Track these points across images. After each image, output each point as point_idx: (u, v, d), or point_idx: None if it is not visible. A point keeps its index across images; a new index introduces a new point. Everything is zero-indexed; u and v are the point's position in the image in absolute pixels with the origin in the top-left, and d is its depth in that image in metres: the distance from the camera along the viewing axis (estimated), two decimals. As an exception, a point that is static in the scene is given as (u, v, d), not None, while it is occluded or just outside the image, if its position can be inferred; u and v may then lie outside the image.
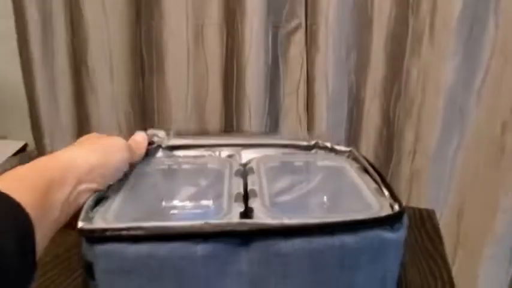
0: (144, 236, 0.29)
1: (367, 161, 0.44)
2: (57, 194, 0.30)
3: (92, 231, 0.30)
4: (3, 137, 1.48)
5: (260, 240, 0.31)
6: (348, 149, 0.48)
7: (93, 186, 0.34)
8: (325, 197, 0.47)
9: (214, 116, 1.09)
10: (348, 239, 0.31)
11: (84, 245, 0.30)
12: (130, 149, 0.39)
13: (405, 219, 0.33)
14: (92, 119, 1.20)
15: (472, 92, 0.88)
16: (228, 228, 0.30)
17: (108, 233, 0.29)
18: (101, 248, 0.30)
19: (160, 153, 0.48)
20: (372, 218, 0.32)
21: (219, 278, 0.31)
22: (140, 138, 0.45)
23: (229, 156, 0.49)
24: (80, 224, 0.30)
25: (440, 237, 0.58)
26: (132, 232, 0.29)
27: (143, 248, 0.29)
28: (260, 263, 0.31)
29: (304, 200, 0.47)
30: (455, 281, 0.50)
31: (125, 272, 0.30)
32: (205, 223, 0.30)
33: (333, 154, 0.49)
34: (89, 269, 0.31)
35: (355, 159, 0.46)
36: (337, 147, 0.49)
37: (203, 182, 0.45)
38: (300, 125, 1.03)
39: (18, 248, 0.25)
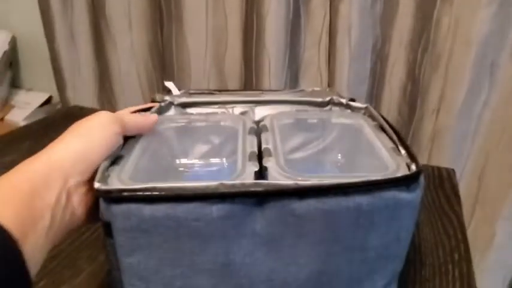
0: (160, 196, 0.29)
1: (384, 118, 0.43)
2: (44, 200, 0.28)
3: (108, 192, 0.30)
4: (30, 89, 1.51)
5: (275, 200, 0.30)
6: (363, 105, 0.46)
7: (84, 177, 0.31)
8: (339, 155, 0.46)
9: (233, 69, 1.07)
10: (363, 199, 0.30)
11: (102, 205, 0.31)
12: (119, 120, 0.35)
13: (422, 180, 0.33)
14: (112, 71, 1.20)
15: (505, 44, 0.83)
16: (243, 189, 0.30)
17: (124, 194, 0.30)
18: (118, 208, 0.30)
19: (172, 111, 0.47)
20: (387, 178, 0.31)
21: (234, 238, 0.31)
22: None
23: (243, 113, 0.48)
24: (96, 185, 0.30)
25: (458, 197, 0.57)
26: (148, 193, 0.29)
27: (159, 208, 0.30)
28: (275, 223, 0.31)
29: (319, 158, 0.46)
30: (471, 240, 0.49)
31: (141, 231, 0.30)
32: (221, 183, 0.30)
33: (348, 111, 0.48)
34: (107, 228, 0.31)
35: (372, 116, 0.45)
36: (353, 104, 0.47)
37: (216, 140, 0.45)
38: (320, 80, 1.00)
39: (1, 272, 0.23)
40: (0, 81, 1.42)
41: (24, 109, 1.43)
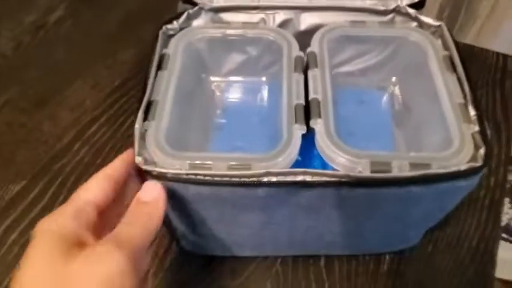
0: (205, 182, 0.28)
1: (459, 50, 0.35)
2: None
3: (150, 173, 0.28)
4: None
5: (322, 186, 0.28)
6: (437, 23, 0.37)
7: None
8: (393, 79, 0.41)
9: None
10: (416, 189, 0.28)
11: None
12: (131, 266, 0.21)
13: (486, 167, 0.29)
14: None
15: None
16: (290, 178, 0.28)
17: (168, 176, 0.28)
18: (163, 183, 0.29)
19: (203, 17, 0.40)
20: (449, 172, 0.28)
21: (276, 207, 0.31)
22: (150, 196, 0.26)
23: (286, 20, 0.40)
24: (137, 161, 0.28)
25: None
26: (192, 178, 0.28)
27: (205, 189, 0.28)
28: (319, 200, 0.30)
29: (369, 77, 0.41)
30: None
31: (186, 200, 0.30)
32: (267, 171, 0.27)
33: (415, 25, 0.39)
34: None
35: (444, 41, 0.37)
36: (423, 19, 0.38)
37: (254, 52, 0.40)
38: None
39: None
40: None
41: None
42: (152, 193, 0.26)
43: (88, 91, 0.55)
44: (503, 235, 1.14)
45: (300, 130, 0.31)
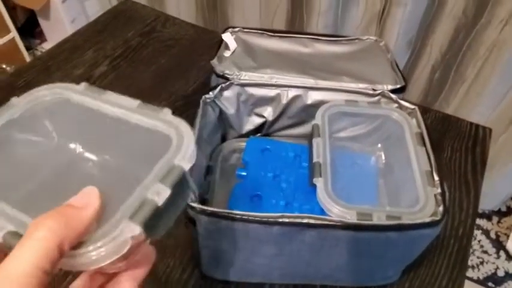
0: (237, 219, 0.38)
1: (428, 130, 0.46)
2: None
3: (192, 208, 0.39)
4: None
5: (321, 227, 0.39)
6: (412, 106, 0.49)
7: None
8: (379, 145, 0.52)
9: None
10: (393, 234, 0.39)
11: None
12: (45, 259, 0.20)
13: (445, 220, 0.39)
14: None
15: None
16: (298, 220, 0.38)
17: (207, 212, 0.38)
18: (200, 216, 0.39)
19: (232, 90, 0.51)
20: (417, 223, 0.38)
21: (286, 242, 0.41)
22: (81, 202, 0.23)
23: (296, 96, 0.52)
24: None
25: (484, 166, 0.63)
26: (225, 215, 0.38)
27: (234, 224, 0.39)
28: (318, 239, 0.40)
29: (361, 144, 0.52)
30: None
31: (217, 231, 0.40)
32: (282, 215, 0.38)
33: (396, 106, 0.50)
34: (192, 221, 0.41)
35: (417, 121, 0.48)
36: (402, 103, 0.50)
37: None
38: None
39: None
40: None
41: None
42: (84, 199, 0.23)
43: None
44: (489, 284, 1.21)
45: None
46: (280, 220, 0.38)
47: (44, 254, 0.20)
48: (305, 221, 0.38)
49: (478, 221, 1.33)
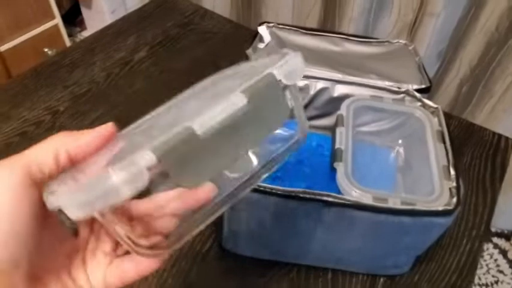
0: (271, 193, 0.41)
1: (449, 129, 0.48)
2: None
3: None
4: None
5: (340, 206, 0.41)
6: (435, 105, 0.51)
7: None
8: (400, 141, 0.54)
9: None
10: (406, 219, 0.41)
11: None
12: (29, 175, 0.23)
13: (457, 211, 0.41)
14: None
15: None
16: (318, 197, 0.41)
17: None
18: None
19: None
20: (430, 210, 0.40)
21: (306, 219, 0.44)
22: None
23: (324, 88, 0.55)
24: None
25: (503, 174, 0.64)
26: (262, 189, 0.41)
27: (253, 196, 0.42)
28: (335, 217, 0.43)
29: (382, 139, 0.54)
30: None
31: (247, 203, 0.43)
32: (304, 191, 0.41)
33: (419, 104, 0.53)
34: None
35: (439, 119, 0.50)
36: (425, 101, 0.52)
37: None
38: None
39: None
40: None
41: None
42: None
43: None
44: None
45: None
46: (302, 195, 0.41)
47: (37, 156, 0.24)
48: (324, 198, 0.41)
49: (496, 240, 1.31)
